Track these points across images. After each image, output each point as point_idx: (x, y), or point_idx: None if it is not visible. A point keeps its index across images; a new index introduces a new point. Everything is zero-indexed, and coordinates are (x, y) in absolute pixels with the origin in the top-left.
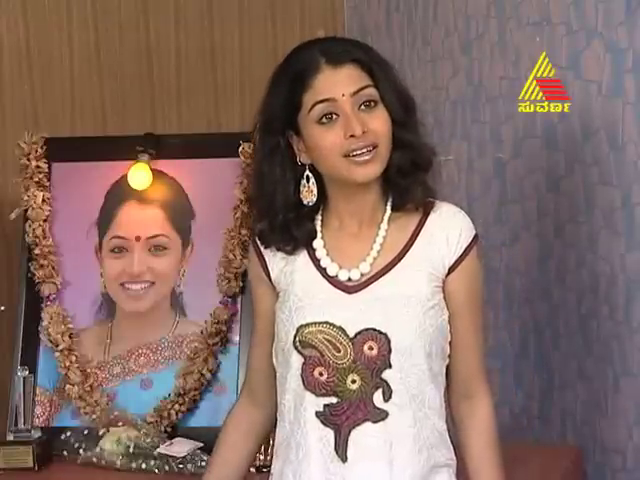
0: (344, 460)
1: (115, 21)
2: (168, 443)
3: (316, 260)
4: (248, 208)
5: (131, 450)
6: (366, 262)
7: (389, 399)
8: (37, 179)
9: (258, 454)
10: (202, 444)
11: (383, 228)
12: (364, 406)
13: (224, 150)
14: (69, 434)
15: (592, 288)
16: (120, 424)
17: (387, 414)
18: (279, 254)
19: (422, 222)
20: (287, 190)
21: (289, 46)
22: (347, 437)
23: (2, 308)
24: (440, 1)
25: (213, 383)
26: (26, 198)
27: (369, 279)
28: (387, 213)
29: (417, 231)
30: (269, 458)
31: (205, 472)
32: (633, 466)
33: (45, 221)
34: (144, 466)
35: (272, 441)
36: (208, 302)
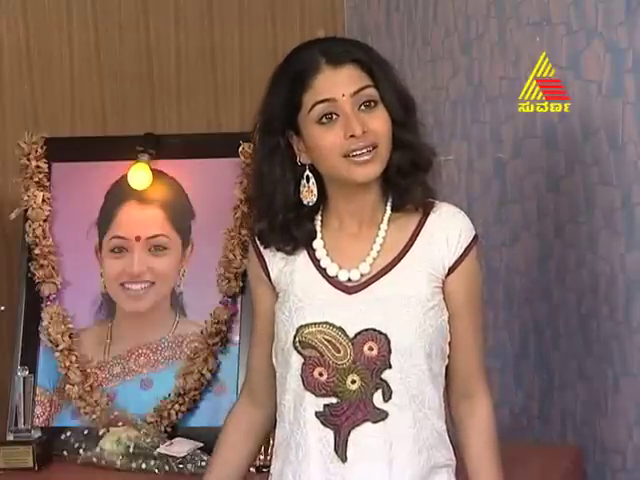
0: (344, 460)
1: (115, 21)
2: (168, 443)
3: (316, 260)
4: (248, 208)
5: (131, 450)
6: (366, 262)
7: (389, 399)
8: (37, 179)
9: (258, 454)
10: (202, 444)
11: (383, 228)
12: (364, 406)
13: (224, 150)
14: (69, 434)
15: (592, 288)
16: (120, 424)
17: (387, 414)
18: (279, 254)
19: (422, 222)
20: (287, 190)
21: (289, 46)
22: (347, 437)
23: (2, 308)
24: (440, 1)
25: (213, 383)
26: (26, 198)
27: (369, 279)
28: (387, 213)
29: (417, 231)
30: (269, 458)
31: (205, 472)
32: (633, 466)
33: (45, 221)
34: (144, 466)
35: (272, 441)
36: (208, 302)
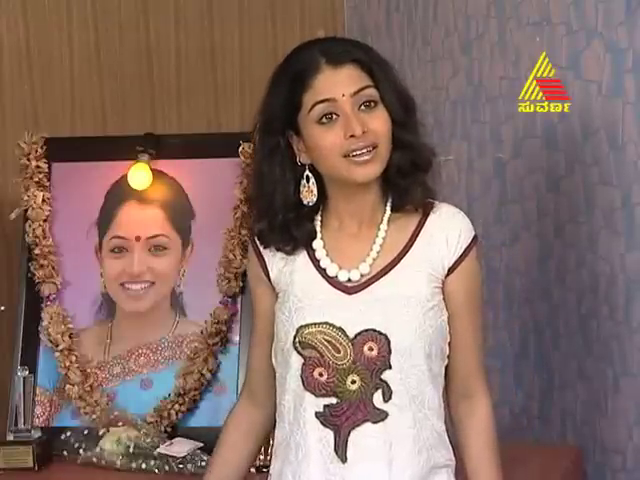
0: (344, 461)
1: (115, 21)
2: (168, 443)
3: (316, 261)
4: (248, 208)
5: (131, 450)
6: (366, 263)
7: (389, 400)
8: (37, 179)
9: (258, 454)
10: (202, 444)
11: (383, 229)
12: (364, 407)
13: (224, 150)
14: (69, 434)
15: (592, 288)
16: (120, 424)
17: (387, 415)
18: (278, 254)
19: (422, 223)
20: (287, 190)
21: (289, 46)
22: (347, 438)
23: (2, 308)
24: (440, 1)
25: (213, 383)
26: (26, 198)
27: (369, 280)
28: (387, 214)
29: (417, 232)
30: (269, 458)
31: (206, 472)
32: (633, 466)
33: (45, 221)
34: (144, 466)
35: (272, 441)
36: (208, 302)
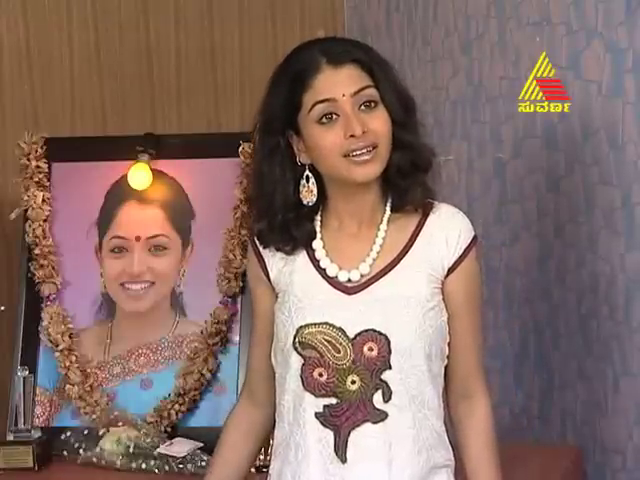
0: (343, 461)
1: (115, 21)
2: (168, 443)
3: (315, 261)
4: (248, 208)
5: (131, 450)
6: (366, 263)
7: (389, 400)
8: (37, 179)
9: (259, 454)
10: (202, 444)
11: (382, 229)
12: (364, 407)
13: (224, 150)
14: (69, 434)
15: (592, 288)
16: (120, 424)
17: (387, 415)
18: (278, 254)
19: (421, 223)
20: (287, 190)
21: (289, 46)
22: (347, 438)
23: (2, 308)
24: (440, 1)
25: (213, 383)
26: (26, 198)
27: (369, 280)
28: (386, 214)
29: (416, 232)
30: (269, 458)
31: (206, 472)
32: (633, 466)
33: (45, 221)
34: (144, 466)
35: (272, 441)
36: (208, 302)
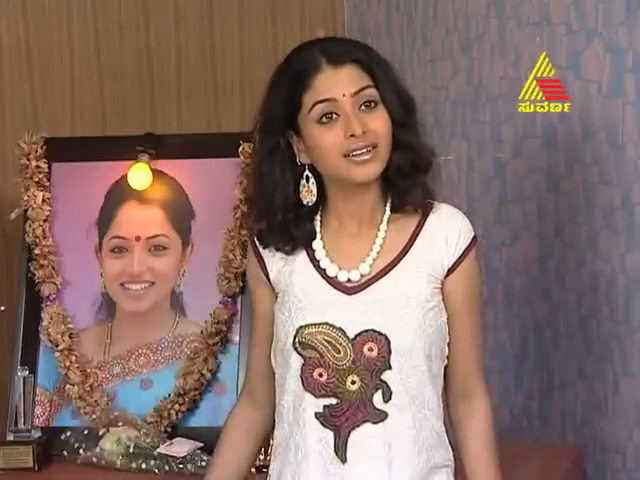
0: (343, 461)
1: (115, 21)
2: (168, 443)
3: (315, 261)
4: (248, 208)
5: (131, 450)
6: (365, 263)
7: (389, 400)
8: (37, 179)
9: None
10: (202, 444)
11: (382, 229)
12: (364, 407)
13: (224, 150)
14: (69, 434)
15: (592, 288)
16: (120, 424)
17: (387, 415)
18: (278, 254)
19: (421, 223)
20: (287, 190)
21: (289, 46)
22: (347, 438)
23: (2, 308)
24: (440, 1)
25: (213, 383)
26: (26, 198)
27: (369, 280)
28: (386, 214)
29: (416, 232)
30: (269, 458)
31: (206, 472)
32: (633, 466)
33: (45, 221)
34: (144, 466)
35: (272, 441)
36: (208, 302)
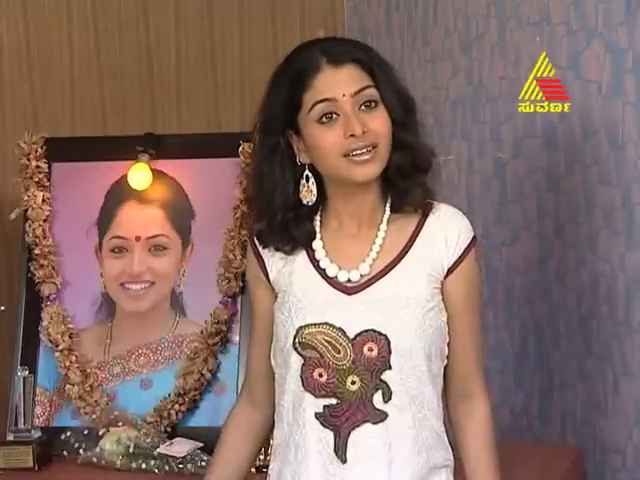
0: (343, 461)
1: (115, 21)
2: (168, 443)
3: (315, 261)
4: (248, 208)
5: (131, 450)
6: (365, 263)
7: (389, 400)
8: (37, 179)
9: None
10: (202, 444)
11: (382, 229)
12: (364, 407)
13: (224, 150)
14: (69, 434)
15: (592, 288)
16: (120, 424)
17: (387, 415)
18: (278, 254)
19: (421, 223)
20: (286, 190)
21: (289, 46)
22: (347, 438)
23: (2, 308)
24: (440, 1)
25: (213, 383)
26: (26, 198)
27: (368, 280)
28: (386, 214)
29: (416, 232)
30: (269, 458)
31: (206, 472)
32: (633, 466)
33: (45, 221)
34: (144, 466)
35: (272, 441)
36: (208, 302)
